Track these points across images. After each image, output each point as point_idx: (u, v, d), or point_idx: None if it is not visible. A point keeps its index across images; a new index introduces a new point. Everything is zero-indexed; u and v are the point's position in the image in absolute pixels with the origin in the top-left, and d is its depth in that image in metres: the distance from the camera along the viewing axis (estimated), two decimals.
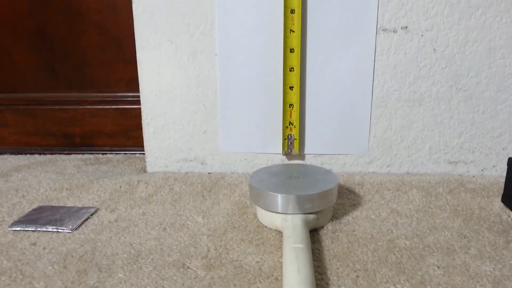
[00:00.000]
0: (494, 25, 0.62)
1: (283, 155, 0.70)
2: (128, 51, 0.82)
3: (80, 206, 0.59)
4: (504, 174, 0.66)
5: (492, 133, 0.65)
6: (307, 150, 0.69)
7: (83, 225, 0.53)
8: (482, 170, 0.67)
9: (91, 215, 0.56)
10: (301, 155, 0.70)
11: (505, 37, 0.62)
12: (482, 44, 0.62)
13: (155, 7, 0.66)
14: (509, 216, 0.53)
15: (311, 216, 0.50)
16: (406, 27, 0.63)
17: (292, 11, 0.63)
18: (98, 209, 0.58)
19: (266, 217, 0.52)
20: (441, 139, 0.66)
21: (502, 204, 0.56)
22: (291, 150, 0.68)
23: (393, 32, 0.63)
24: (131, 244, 0.48)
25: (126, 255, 0.46)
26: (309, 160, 0.70)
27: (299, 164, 0.60)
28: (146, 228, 0.52)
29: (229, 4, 0.65)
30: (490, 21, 0.62)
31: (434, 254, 0.45)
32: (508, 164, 0.52)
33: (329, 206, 0.52)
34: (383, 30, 0.63)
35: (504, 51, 0.62)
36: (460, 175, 0.67)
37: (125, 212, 0.57)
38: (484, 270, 0.42)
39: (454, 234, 0.49)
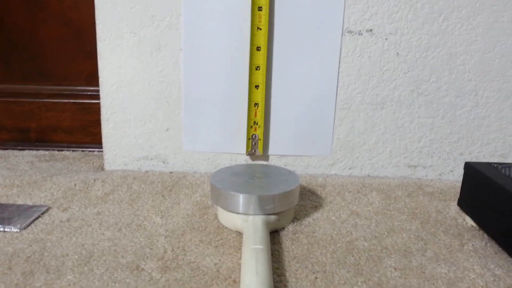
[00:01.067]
0: (455, 32, 0.63)
1: (247, 155, 0.69)
2: (89, 44, 0.79)
3: (31, 204, 0.56)
4: (461, 178, 0.68)
5: (451, 138, 0.67)
6: (271, 151, 0.69)
7: (32, 224, 0.50)
8: (440, 174, 0.68)
9: (42, 214, 0.53)
10: (265, 156, 0.69)
11: (465, 43, 0.63)
12: (444, 49, 0.64)
13: None
14: (464, 220, 0.54)
15: (272, 217, 0.49)
16: (371, 30, 0.63)
17: (260, 9, 0.63)
18: (49, 207, 0.55)
19: (227, 218, 0.51)
20: (401, 143, 0.67)
21: (458, 207, 0.57)
22: (255, 150, 0.68)
23: (359, 34, 0.64)
24: (83, 245, 0.46)
25: (77, 256, 0.44)
26: (273, 161, 0.69)
27: (262, 164, 0.59)
28: (100, 229, 0.50)
29: None
30: (451, 28, 0.63)
31: (392, 256, 0.45)
32: (464, 169, 0.54)
33: (290, 207, 0.51)
34: (348, 32, 0.64)
35: (464, 57, 0.64)
36: (419, 178, 0.68)
37: (78, 211, 0.54)
38: (440, 272, 0.42)
39: (411, 236, 0.49)
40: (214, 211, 0.55)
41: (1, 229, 0.49)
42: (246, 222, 0.49)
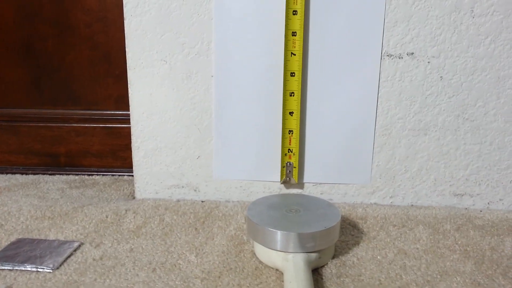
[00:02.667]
0: (504, 54, 0.59)
1: (281, 183, 0.66)
2: (118, 67, 0.78)
3: (63, 239, 0.54)
4: (511, 208, 0.63)
5: (500, 165, 0.63)
6: (307, 178, 0.66)
7: (65, 263, 0.49)
8: (488, 203, 0.64)
9: (74, 250, 0.52)
10: (300, 184, 0.66)
11: None
12: (491, 73, 0.60)
13: (148, 25, 0.62)
14: None
15: (313, 255, 0.47)
16: (412, 53, 0.60)
17: (294, 34, 0.60)
18: (82, 243, 0.54)
19: (265, 254, 0.48)
20: (446, 171, 0.63)
21: None
22: (289, 178, 0.65)
23: (399, 58, 0.60)
24: None
25: None
26: (308, 189, 0.66)
27: (299, 194, 0.57)
28: (134, 269, 0.48)
29: (227, 24, 0.61)
30: (499, 50, 0.59)
31: None
32: None
33: (331, 244, 0.48)
34: (388, 55, 0.60)
35: None
36: (466, 209, 0.64)
37: (111, 247, 0.52)
38: None
39: (466, 280, 0.45)
40: (250, 248, 0.52)
41: (34, 269, 0.48)
42: (286, 261, 0.46)
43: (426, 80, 0.61)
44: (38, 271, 0.47)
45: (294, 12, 0.60)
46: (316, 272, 0.47)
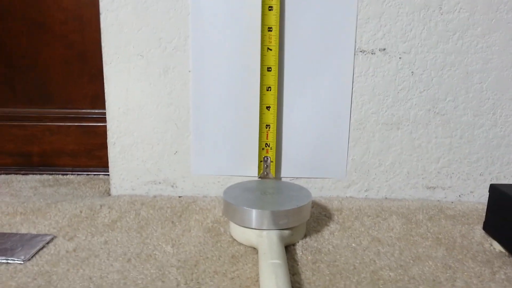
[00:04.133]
0: (471, 50, 0.62)
1: (259, 178, 0.66)
2: (94, 66, 0.78)
3: (35, 233, 0.53)
4: (482, 200, 0.65)
5: (470, 158, 0.65)
6: (284, 173, 0.66)
7: (37, 255, 0.48)
8: (459, 195, 0.66)
9: (47, 243, 0.51)
10: (278, 178, 0.66)
11: (482, 62, 0.62)
12: (460, 68, 0.62)
13: (125, 19, 0.62)
14: (491, 245, 0.51)
15: (286, 231, 0.49)
16: (384, 49, 0.62)
17: (270, 29, 0.61)
18: (55, 236, 0.52)
19: (241, 233, 0.50)
20: (419, 164, 0.65)
21: (483, 232, 0.54)
22: (267, 173, 0.65)
23: (372, 53, 0.62)
24: (90, 278, 0.43)
25: None
26: None
27: (273, 180, 0.59)
28: (108, 259, 0.47)
29: (204, 19, 0.62)
30: (467, 45, 0.62)
31: (420, 286, 0.42)
32: (489, 191, 0.51)
33: (303, 222, 0.51)
34: (361, 51, 0.62)
35: (480, 76, 0.62)
36: (438, 200, 0.65)
37: (85, 240, 0.52)
38: None
39: (438, 264, 0.46)
40: (227, 238, 0.52)
41: (4, 261, 0.46)
42: (260, 237, 0.48)
43: (398, 75, 0.63)
44: (8, 262, 0.46)
45: (270, 8, 0.61)
46: (291, 258, 0.47)
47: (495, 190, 0.51)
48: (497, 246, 0.50)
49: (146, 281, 0.43)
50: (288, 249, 0.50)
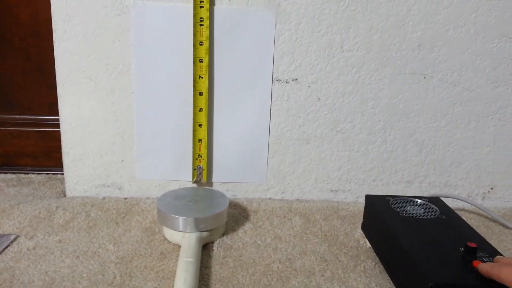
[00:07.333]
0: (366, 81, 0.76)
1: (193, 183, 0.79)
2: (51, 77, 0.87)
3: (1, 232, 0.65)
4: None
5: (365, 167, 0.80)
6: (215, 178, 0.80)
7: (3, 253, 0.59)
8: (356, 197, 0.81)
9: (11, 242, 0.62)
10: (209, 183, 0.80)
11: (375, 91, 0.76)
12: (357, 96, 0.76)
13: (75, 48, 0.72)
14: (365, 242, 0.66)
15: (205, 233, 0.63)
16: (296, 79, 0.75)
17: (201, 60, 0.73)
18: (18, 236, 0.64)
19: (169, 234, 0.64)
20: (324, 172, 0.80)
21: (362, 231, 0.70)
22: (200, 178, 0.78)
23: (286, 82, 0.75)
24: (46, 272, 0.56)
25: (41, 283, 0.53)
26: (216, 187, 0.80)
27: (203, 188, 0.73)
28: (61, 256, 0.59)
29: (144, 49, 0.73)
30: (363, 78, 0.75)
31: (297, 276, 0.57)
32: (365, 200, 0.66)
33: (220, 225, 0.65)
34: (277, 80, 0.75)
35: (373, 102, 0.76)
36: (337, 202, 0.80)
37: (43, 239, 0.63)
38: None
39: (318, 258, 0.61)
40: (160, 237, 0.65)
41: None
42: (183, 238, 0.61)
43: (307, 100, 0.76)
44: None
45: (200, 43, 0.72)
46: (207, 254, 0.61)
47: (369, 199, 0.65)
48: (368, 243, 0.65)
49: (89, 275, 0.55)
50: (207, 246, 0.63)
